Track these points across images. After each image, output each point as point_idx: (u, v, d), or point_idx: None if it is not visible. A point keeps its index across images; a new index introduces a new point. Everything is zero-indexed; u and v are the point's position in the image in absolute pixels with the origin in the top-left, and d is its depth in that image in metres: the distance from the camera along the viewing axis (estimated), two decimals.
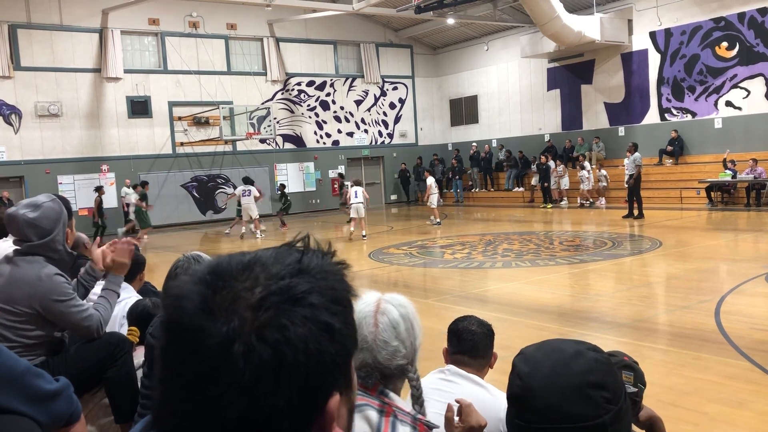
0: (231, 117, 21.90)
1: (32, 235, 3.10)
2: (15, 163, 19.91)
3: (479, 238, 14.51)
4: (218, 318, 0.62)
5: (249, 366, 0.60)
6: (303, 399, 0.62)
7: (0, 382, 1.73)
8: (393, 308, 1.78)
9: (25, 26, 19.98)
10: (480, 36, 26.23)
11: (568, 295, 8.53)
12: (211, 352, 0.61)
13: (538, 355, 1.29)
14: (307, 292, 0.66)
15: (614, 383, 1.23)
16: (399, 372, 1.74)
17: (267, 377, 0.61)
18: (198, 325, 0.62)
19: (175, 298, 0.65)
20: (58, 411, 1.90)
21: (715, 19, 19.21)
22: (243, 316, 0.62)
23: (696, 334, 6.26)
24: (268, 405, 0.61)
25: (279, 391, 0.61)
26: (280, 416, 0.61)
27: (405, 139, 27.92)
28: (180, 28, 22.51)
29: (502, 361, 3.02)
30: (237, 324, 0.62)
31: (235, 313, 0.62)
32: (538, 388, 1.22)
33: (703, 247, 11.65)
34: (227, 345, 0.61)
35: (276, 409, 0.61)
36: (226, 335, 0.61)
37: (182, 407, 0.63)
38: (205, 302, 0.63)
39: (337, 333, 0.66)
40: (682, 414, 4.34)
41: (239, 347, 0.61)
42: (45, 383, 1.87)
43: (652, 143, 20.66)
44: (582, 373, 1.21)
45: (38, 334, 3.10)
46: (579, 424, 1.17)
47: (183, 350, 0.63)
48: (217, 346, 0.61)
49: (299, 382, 0.62)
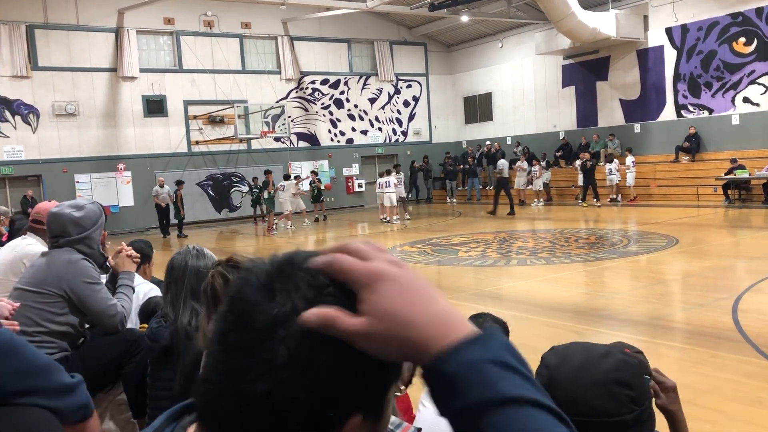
0: (246, 115, 21.99)
1: (73, 231, 3.31)
2: (33, 162, 20.12)
3: (494, 235, 14.48)
4: (275, 299, 0.64)
5: (284, 351, 0.62)
6: (324, 402, 0.63)
7: (25, 375, 1.77)
8: None
9: (42, 26, 20.17)
10: (494, 33, 26.13)
11: (583, 293, 8.50)
12: (258, 326, 0.63)
13: (568, 352, 1.32)
14: None
15: (641, 385, 1.25)
16: None
17: (297, 367, 0.62)
18: (255, 300, 0.65)
19: (246, 271, 0.68)
20: (76, 404, 1.93)
21: (733, 15, 19.01)
22: (296, 305, 0.64)
23: (713, 332, 6.21)
24: (291, 393, 0.62)
25: (304, 384, 0.62)
26: (297, 409, 0.62)
27: (419, 137, 27.88)
28: (195, 28, 22.62)
29: None
30: (289, 310, 0.63)
31: (290, 300, 0.64)
32: (563, 380, 1.24)
33: (719, 244, 11.55)
34: (273, 326, 0.63)
35: (296, 402, 0.62)
36: (275, 316, 0.63)
37: (217, 372, 0.65)
38: (270, 281, 0.66)
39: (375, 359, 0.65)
40: (699, 412, 4.31)
41: (282, 331, 0.63)
42: (64, 377, 1.90)
43: (668, 140, 20.49)
44: (609, 370, 1.23)
45: (65, 321, 3.21)
46: (601, 419, 1.19)
47: (235, 318, 0.65)
48: (264, 323, 0.63)
49: (325, 385, 0.63)
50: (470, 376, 0.61)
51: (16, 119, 19.86)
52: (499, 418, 0.60)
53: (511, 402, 0.61)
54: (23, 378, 1.76)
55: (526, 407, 0.61)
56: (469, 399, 0.61)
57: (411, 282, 0.66)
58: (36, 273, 3.25)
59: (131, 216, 21.10)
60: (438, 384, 0.63)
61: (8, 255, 4.08)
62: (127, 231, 19.50)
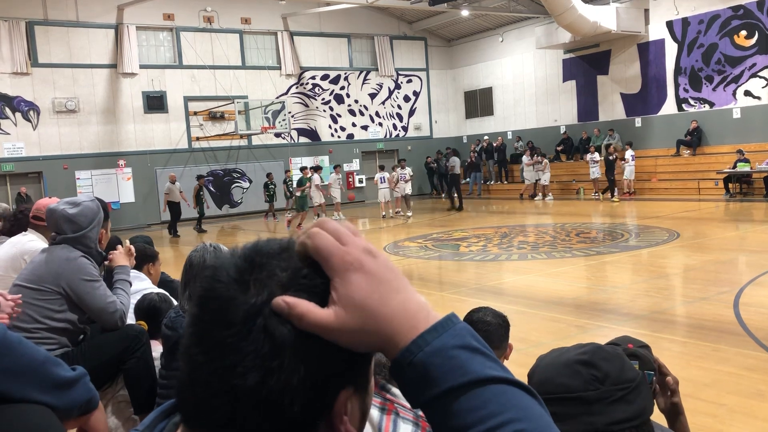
0: (246, 111, 21.98)
1: (67, 229, 3.28)
2: (34, 159, 20.12)
3: (495, 230, 14.47)
4: (250, 290, 0.64)
5: (268, 340, 0.62)
6: (315, 382, 0.63)
7: (19, 372, 1.76)
8: None
9: (42, 23, 20.14)
10: (495, 27, 26.07)
11: (584, 287, 8.50)
12: (237, 320, 0.63)
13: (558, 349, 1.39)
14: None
15: (609, 366, 1.28)
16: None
17: (284, 353, 0.62)
18: (230, 295, 0.64)
19: (212, 269, 0.67)
20: (76, 398, 1.93)
21: (734, 8, 18.96)
22: (273, 292, 0.64)
23: (714, 325, 6.22)
24: (282, 380, 0.62)
25: (294, 369, 0.62)
26: (291, 395, 0.62)
27: (420, 132, 27.86)
28: (195, 23, 22.59)
29: (518, 353, 3.02)
30: (266, 298, 0.64)
31: (266, 288, 0.64)
32: (542, 366, 1.33)
33: (721, 238, 11.55)
34: (253, 316, 0.63)
35: (289, 386, 0.62)
36: (252, 306, 0.63)
37: (202, 374, 0.64)
38: (241, 274, 0.65)
39: None
40: (700, 406, 4.32)
41: (262, 321, 0.63)
42: (63, 371, 1.90)
43: (669, 134, 20.46)
44: (578, 353, 1.30)
45: (64, 317, 3.21)
46: (563, 394, 1.25)
47: (212, 317, 0.65)
48: (243, 315, 0.63)
49: (314, 366, 0.63)
50: (441, 362, 0.63)
51: (16, 116, 19.85)
52: (474, 400, 0.62)
53: (485, 381, 0.63)
54: (16, 374, 1.75)
55: (499, 385, 0.63)
56: (443, 385, 0.63)
57: (383, 274, 0.66)
58: (35, 269, 3.25)
59: (132, 212, 21.12)
60: (409, 376, 0.64)
61: (9, 251, 4.09)
62: (128, 227, 19.51)
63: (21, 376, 1.76)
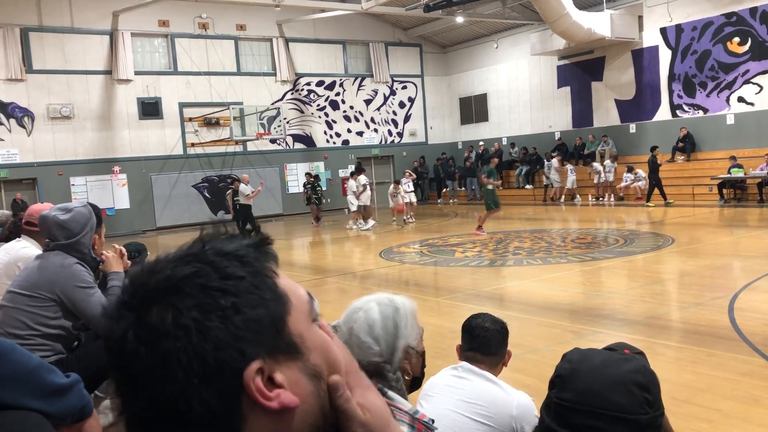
0: (241, 117, 21.96)
1: (59, 235, 3.28)
2: (28, 165, 20.06)
3: (490, 236, 14.48)
4: (120, 321, 0.66)
5: (137, 362, 0.64)
6: (205, 378, 0.63)
7: (12, 379, 1.75)
8: (375, 306, 1.84)
9: (36, 29, 20.12)
10: (489, 34, 26.16)
11: (580, 293, 8.50)
12: (113, 352, 0.66)
13: (591, 352, 1.38)
14: (188, 277, 0.66)
15: (657, 391, 1.30)
16: (374, 370, 1.75)
17: (154, 369, 0.63)
18: (108, 330, 0.67)
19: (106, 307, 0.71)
20: (70, 405, 1.92)
21: (727, 15, 19.06)
22: (133, 317, 0.66)
23: (709, 330, 6.22)
24: (167, 392, 0.63)
25: (172, 378, 0.63)
26: (186, 400, 0.63)
27: (415, 138, 27.89)
28: (190, 30, 22.60)
29: (514, 358, 3.02)
30: (125, 325, 0.66)
31: (129, 314, 0.66)
32: (584, 372, 1.30)
33: (715, 243, 11.58)
34: (121, 345, 0.65)
35: (177, 394, 0.63)
36: (119, 337, 0.65)
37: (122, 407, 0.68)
38: (117, 306, 0.67)
39: (230, 308, 0.65)
40: (695, 411, 4.32)
41: (129, 346, 0.65)
42: (56, 378, 1.89)
43: (664, 140, 20.52)
44: (630, 371, 1.29)
45: (58, 324, 3.19)
46: (616, 413, 1.23)
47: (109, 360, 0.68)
48: (116, 347, 0.66)
49: (191, 366, 0.63)
50: None
51: (10, 122, 19.81)
52: None
53: None
54: (9, 381, 1.74)
55: None
56: None
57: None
58: (28, 276, 3.24)
59: (127, 218, 21.07)
60: None
61: (2, 258, 4.07)
62: (123, 234, 19.46)
63: (14, 383, 1.75)
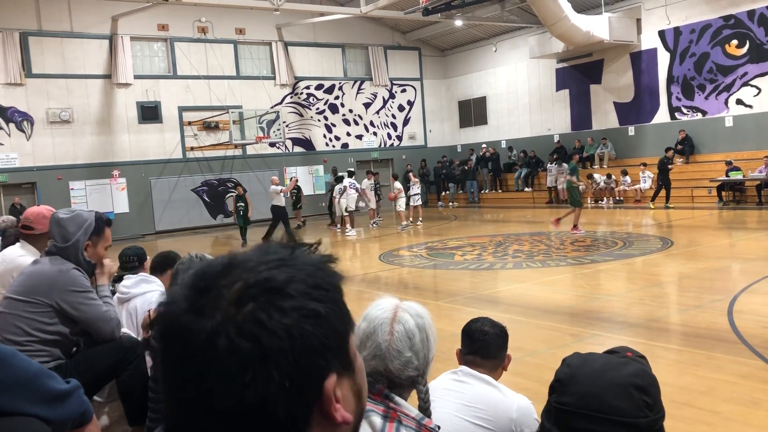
0: (241, 121, 21.98)
1: (56, 234, 3.28)
2: (27, 170, 20.06)
3: (489, 239, 14.49)
4: (203, 316, 0.66)
5: (234, 358, 0.64)
6: (295, 383, 0.65)
7: (13, 385, 1.75)
8: (410, 318, 1.77)
9: (36, 34, 20.14)
10: (488, 37, 26.19)
11: (579, 296, 8.50)
12: (199, 348, 0.65)
13: (591, 356, 1.38)
14: (286, 282, 0.69)
15: (656, 394, 1.30)
16: (409, 383, 1.75)
17: (253, 367, 0.64)
18: (185, 326, 0.66)
19: (164, 305, 0.70)
20: (70, 411, 1.92)
21: (725, 17, 19.09)
22: (225, 312, 0.66)
23: (709, 333, 6.23)
24: (260, 392, 0.64)
25: (268, 377, 0.64)
26: (275, 402, 0.64)
27: (414, 141, 27.91)
28: (189, 34, 22.62)
29: (514, 362, 3.01)
30: (219, 319, 0.65)
31: (218, 310, 0.66)
32: (584, 376, 1.30)
33: (714, 246, 11.58)
34: (212, 340, 0.65)
35: (269, 395, 0.64)
36: (210, 331, 0.65)
37: (182, 405, 0.66)
38: (191, 303, 0.67)
39: (322, 317, 0.69)
40: (695, 414, 4.32)
41: (223, 341, 0.64)
42: (56, 384, 1.89)
43: (663, 142, 20.50)
44: (629, 374, 1.29)
45: (55, 330, 3.17)
46: (615, 417, 1.23)
47: (175, 352, 0.67)
48: (203, 343, 0.65)
49: (287, 368, 0.65)
50: None
51: (10, 126, 19.81)
52: None
53: None
54: (10, 388, 1.74)
55: None
56: None
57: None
58: (25, 281, 3.22)
59: (126, 222, 21.05)
60: None
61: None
62: (122, 238, 19.45)
63: (14, 389, 1.75)
